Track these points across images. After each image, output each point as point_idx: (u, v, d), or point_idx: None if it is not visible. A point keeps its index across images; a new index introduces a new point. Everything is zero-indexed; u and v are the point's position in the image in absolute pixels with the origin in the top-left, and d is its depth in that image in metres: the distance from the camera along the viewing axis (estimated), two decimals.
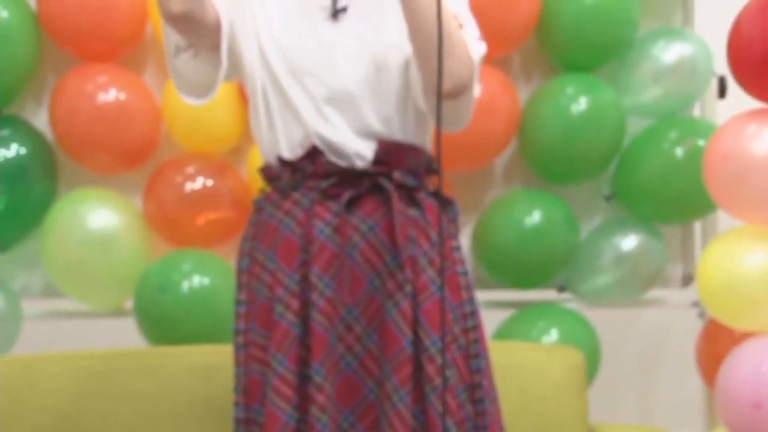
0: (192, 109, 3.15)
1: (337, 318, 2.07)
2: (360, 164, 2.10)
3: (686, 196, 3.26)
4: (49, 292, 3.32)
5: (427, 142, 2.20)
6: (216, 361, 2.86)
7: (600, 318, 3.37)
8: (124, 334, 3.25)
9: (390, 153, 2.10)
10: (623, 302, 3.38)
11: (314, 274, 2.07)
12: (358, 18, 2.12)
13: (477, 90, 2.13)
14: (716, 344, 3.15)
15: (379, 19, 2.12)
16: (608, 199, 3.37)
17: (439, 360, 2.03)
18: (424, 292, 2.08)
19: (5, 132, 3.20)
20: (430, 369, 2.04)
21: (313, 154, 2.10)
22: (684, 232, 3.47)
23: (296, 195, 2.12)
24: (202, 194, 3.20)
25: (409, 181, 2.11)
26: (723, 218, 3.31)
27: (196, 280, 3.14)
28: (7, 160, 3.18)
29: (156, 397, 2.89)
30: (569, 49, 3.28)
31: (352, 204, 2.09)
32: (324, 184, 2.09)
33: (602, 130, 3.24)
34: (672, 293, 3.50)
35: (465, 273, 2.17)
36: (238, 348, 2.18)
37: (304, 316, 2.08)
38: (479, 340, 2.16)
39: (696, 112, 3.46)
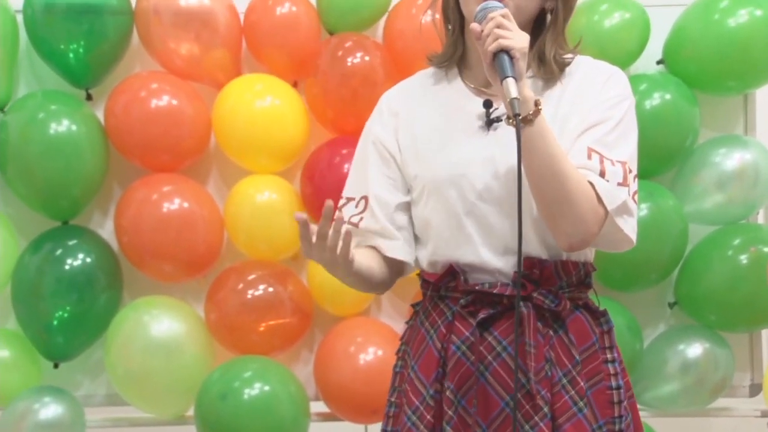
0: (254, 217, 3.23)
1: None
2: (502, 279, 2.06)
3: (752, 303, 3.22)
4: (112, 400, 3.34)
5: (587, 255, 2.12)
6: None
7: (666, 427, 3.31)
8: None
9: (533, 270, 2.05)
10: (689, 411, 3.32)
11: (449, 390, 2.05)
12: (511, 128, 1.99)
13: (629, 223, 2.06)
14: None
15: None
16: (672, 306, 3.33)
17: None
18: (565, 413, 2.03)
19: (72, 242, 3.26)
20: None
21: (451, 273, 2.08)
22: (751, 340, 3.42)
23: (442, 306, 2.11)
24: (264, 301, 3.22)
25: (549, 302, 2.05)
26: None
27: (257, 387, 3.14)
28: (73, 269, 3.23)
29: None
30: None
31: (490, 322, 2.05)
32: (462, 302, 2.07)
33: (664, 237, 3.23)
34: (740, 403, 3.43)
35: (619, 387, 2.09)
36: None
37: (434, 431, 2.06)
38: None
39: (760, 218, 3.43)
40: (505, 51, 1.91)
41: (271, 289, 3.24)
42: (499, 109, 2.05)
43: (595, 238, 2.03)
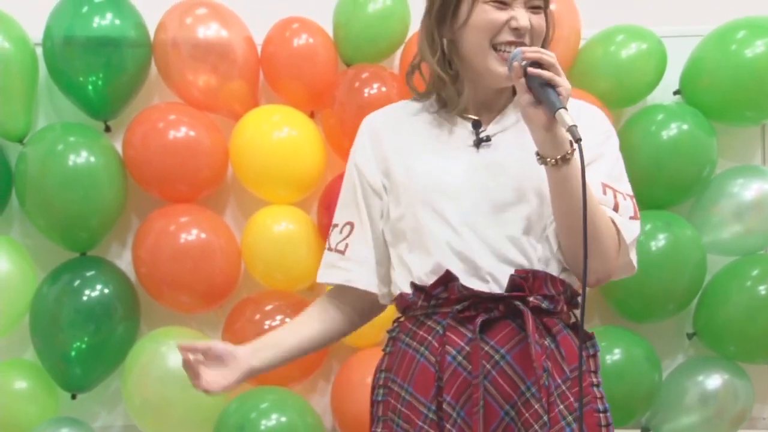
0: (271, 247, 3.23)
1: None
2: (495, 288, 2.06)
3: None
4: (129, 431, 3.34)
5: (572, 278, 2.12)
6: None
7: None
8: None
9: (526, 280, 2.05)
10: None
11: (447, 403, 2.04)
12: (502, 147, 2.09)
13: (635, 254, 2.10)
14: None
15: (522, 147, 2.06)
16: (690, 336, 3.31)
17: None
18: (555, 426, 2.03)
19: (90, 273, 3.27)
20: None
21: (447, 279, 2.07)
22: None
23: (430, 322, 2.09)
24: None
25: (545, 305, 2.05)
26: None
27: (274, 418, 3.14)
28: (91, 300, 3.23)
29: None
30: (648, 187, 3.27)
31: (485, 329, 2.05)
32: (457, 307, 2.06)
33: (682, 267, 3.22)
34: None
35: (605, 411, 2.10)
36: None
37: None
38: None
39: None
40: (553, 86, 1.92)
41: (288, 320, 3.23)
42: (487, 129, 2.10)
43: (615, 273, 2.07)
